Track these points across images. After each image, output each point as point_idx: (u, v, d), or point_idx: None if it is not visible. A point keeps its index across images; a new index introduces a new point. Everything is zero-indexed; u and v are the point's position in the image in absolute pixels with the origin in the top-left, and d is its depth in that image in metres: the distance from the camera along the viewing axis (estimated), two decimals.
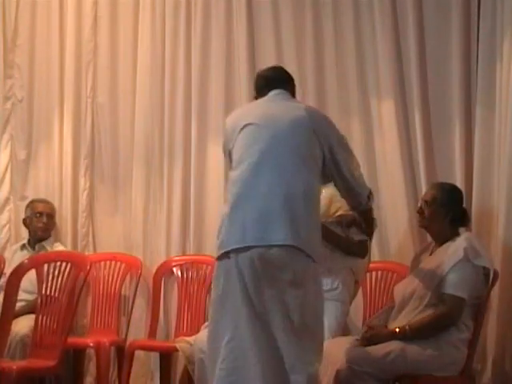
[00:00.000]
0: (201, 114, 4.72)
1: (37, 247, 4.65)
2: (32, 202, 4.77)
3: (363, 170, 4.16)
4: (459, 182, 4.03)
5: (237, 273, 2.80)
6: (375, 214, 4.18)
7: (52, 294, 3.80)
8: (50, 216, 4.71)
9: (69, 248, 4.78)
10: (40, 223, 4.67)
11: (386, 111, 4.36)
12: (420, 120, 4.25)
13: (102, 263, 4.73)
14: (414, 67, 4.28)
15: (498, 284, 3.63)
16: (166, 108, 4.77)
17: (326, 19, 4.51)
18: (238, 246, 2.81)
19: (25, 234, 4.79)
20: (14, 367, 3.50)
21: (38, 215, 4.68)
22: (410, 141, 4.31)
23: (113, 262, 4.72)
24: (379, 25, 4.36)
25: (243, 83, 4.56)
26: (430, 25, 4.29)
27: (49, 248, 4.62)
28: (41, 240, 4.67)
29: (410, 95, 4.30)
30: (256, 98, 3.20)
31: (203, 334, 3.67)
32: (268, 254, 2.80)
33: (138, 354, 4.44)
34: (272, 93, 3.10)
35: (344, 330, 3.67)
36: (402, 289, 3.49)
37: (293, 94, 3.20)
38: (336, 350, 3.19)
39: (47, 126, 4.97)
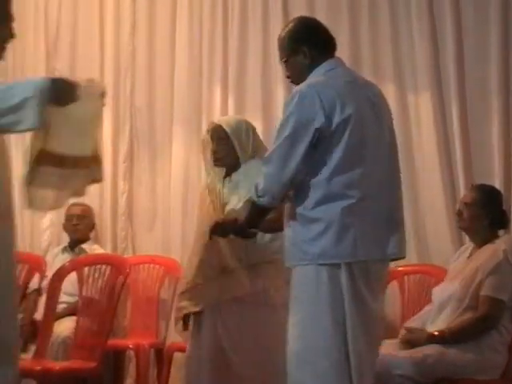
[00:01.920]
0: (238, 111, 4.73)
1: (77, 250, 4.69)
2: (68, 206, 4.83)
3: (402, 168, 4.19)
4: (498, 181, 4.02)
5: (348, 280, 2.57)
6: (413, 215, 4.23)
7: (92, 296, 3.86)
8: (81, 217, 4.72)
9: (109, 250, 4.83)
10: (70, 225, 4.73)
11: (423, 106, 4.35)
12: (457, 115, 4.22)
13: (141, 266, 4.77)
14: (451, 59, 4.25)
15: None
16: (204, 111, 4.80)
17: (362, 16, 4.52)
18: (350, 260, 2.57)
19: (66, 237, 4.85)
20: (57, 368, 3.56)
21: (69, 218, 4.74)
22: (448, 137, 4.28)
23: (151, 265, 4.76)
24: (415, 17, 4.35)
25: (280, 84, 4.57)
26: (468, 15, 4.27)
27: (88, 250, 4.66)
28: (80, 242, 4.72)
29: (447, 89, 4.28)
30: (309, 53, 2.73)
31: None
32: (382, 265, 2.70)
33: (177, 356, 4.46)
34: (338, 62, 2.78)
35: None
36: (440, 291, 3.47)
37: None
38: None
39: None
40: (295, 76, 2.79)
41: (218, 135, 3.27)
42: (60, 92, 2.37)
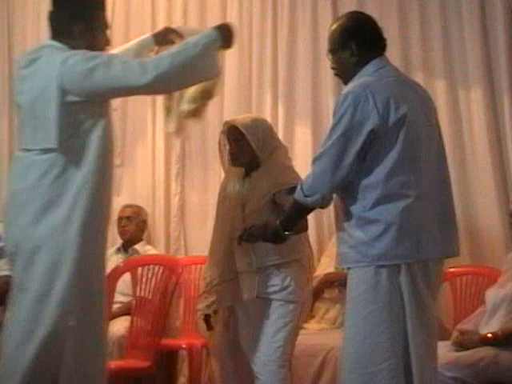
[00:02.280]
0: (288, 117, 4.76)
1: (130, 251, 4.75)
2: (121, 208, 4.90)
3: (454, 166, 4.17)
4: None
5: (409, 281, 2.53)
6: (465, 215, 4.20)
7: (146, 296, 3.92)
8: (130, 219, 4.77)
9: (162, 251, 4.89)
10: (119, 228, 4.79)
11: (474, 102, 4.33)
12: (509, 111, 4.21)
13: (193, 266, 4.81)
14: (503, 54, 4.24)
15: None
16: (254, 112, 4.82)
17: (412, 10, 4.52)
18: (411, 261, 2.54)
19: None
20: (112, 367, 3.61)
21: (119, 220, 4.81)
22: (500, 134, 4.27)
23: (203, 265, 4.78)
24: (466, 12, 4.34)
25: (330, 90, 4.58)
26: None
27: (141, 251, 4.72)
28: (132, 243, 4.79)
29: (499, 84, 4.26)
30: (357, 51, 2.67)
31: None
32: (440, 265, 2.67)
33: None
34: (385, 61, 2.72)
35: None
36: (493, 293, 3.44)
37: None
38: None
39: (140, 133, 5.09)
40: (339, 70, 2.76)
41: (234, 136, 3.23)
42: (226, 38, 2.78)
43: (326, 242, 4.46)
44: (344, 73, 2.73)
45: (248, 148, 3.21)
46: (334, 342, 3.56)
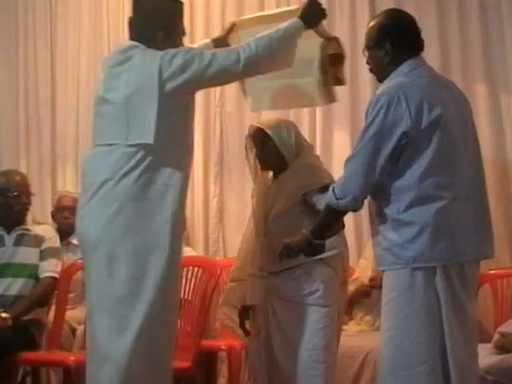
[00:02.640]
0: (326, 121, 4.76)
1: None
2: None
3: (495, 169, 4.14)
4: None
5: (445, 283, 2.53)
6: (505, 217, 4.16)
7: (186, 297, 3.95)
8: None
9: (201, 253, 4.93)
10: None
11: None
12: None
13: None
14: None
15: None
16: (291, 114, 4.83)
17: (451, 11, 4.49)
18: (447, 262, 2.53)
19: None
20: None
21: None
22: None
23: None
24: (506, 11, 4.31)
25: (368, 94, 4.56)
26: None
27: None
28: None
29: None
30: (391, 50, 2.67)
31: None
32: (476, 266, 2.66)
33: None
34: (420, 61, 2.71)
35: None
36: None
37: None
38: None
39: None
40: (374, 67, 2.78)
41: (260, 138, 3.25)
42: (310, 20, 2.97)
43: (365, 244, 4.45)
44: (378, 71, 2.75)
45: (275, 150, 3.23)
46: (374, 343, 3.55)
